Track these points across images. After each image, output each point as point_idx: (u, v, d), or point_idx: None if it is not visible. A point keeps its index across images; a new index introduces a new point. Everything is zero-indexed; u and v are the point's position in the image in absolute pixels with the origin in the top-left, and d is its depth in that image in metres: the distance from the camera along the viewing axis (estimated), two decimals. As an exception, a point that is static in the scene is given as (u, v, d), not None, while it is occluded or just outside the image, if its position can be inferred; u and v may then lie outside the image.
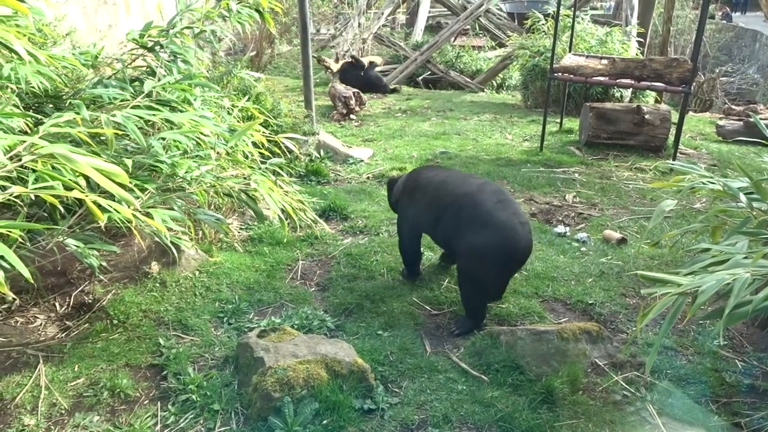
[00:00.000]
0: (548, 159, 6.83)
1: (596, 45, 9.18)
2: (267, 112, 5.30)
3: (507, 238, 3.36)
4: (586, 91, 8.75)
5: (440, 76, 12.54)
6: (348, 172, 6.38)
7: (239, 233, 4.70)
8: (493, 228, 3.37)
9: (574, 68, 6.86)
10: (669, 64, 6.58)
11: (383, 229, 4.91)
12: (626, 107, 7.32)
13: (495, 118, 9.04)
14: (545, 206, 5.49)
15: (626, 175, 6.33)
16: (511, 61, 11.66)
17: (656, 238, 4.82)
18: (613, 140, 7.19)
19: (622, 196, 5.74)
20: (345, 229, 4.96)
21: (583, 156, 7.00)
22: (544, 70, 8.98)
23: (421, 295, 3.96)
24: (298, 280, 4.17)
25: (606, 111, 7.23)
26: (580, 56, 7.40)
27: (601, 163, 6.78)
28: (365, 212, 5.26)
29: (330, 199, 5.36)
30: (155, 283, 3.89)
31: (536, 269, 4.28)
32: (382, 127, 8.44)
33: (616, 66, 6.78)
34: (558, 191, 5.87)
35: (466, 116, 9.16)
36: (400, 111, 9.64)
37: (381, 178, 6.15)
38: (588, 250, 4.61)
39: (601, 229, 4.98)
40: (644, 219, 5.19)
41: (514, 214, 3.45)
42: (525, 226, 3.45)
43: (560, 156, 6.96)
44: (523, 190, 5.91)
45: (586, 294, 3.98)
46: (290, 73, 12.63)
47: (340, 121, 8.75)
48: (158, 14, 3.84)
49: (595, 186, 5.99)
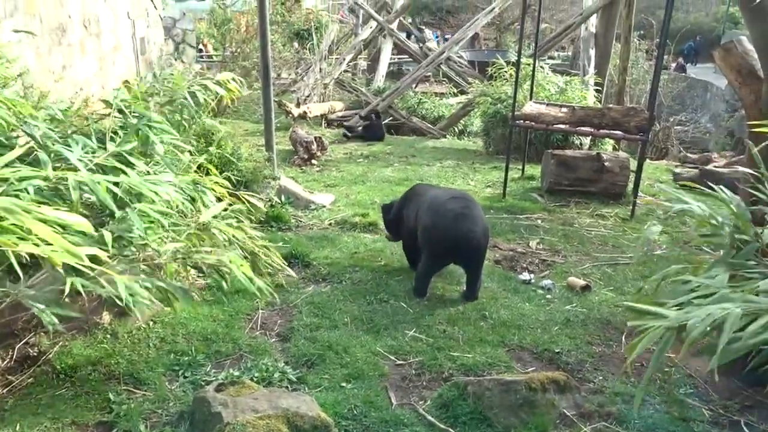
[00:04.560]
0: (511, 205, 6.95)
1: (556, 93, 9.51)
2: (228, 156, 5.29)
3: (445, 222, 4.43)
4: (546, 138, 9.01)
5: (402, 121, 12.73)
6: (310, 218, 6.37)
7: (196, 281, 4.61)
8: (441, 214, 4.46)
9: (535, 116, 7.07)
10: (627, 113, 6.85)
11: (347, 277, 4.89)
12: (586, 155, 7.55)
13: (458, 164, 9.21)
14: (509, 253, 5.55)
15: (588, 222, 6.49)
16: (472, 108, 11.94)
17: (618, 284, 4.93)
18: (575, 187, 7.38)
19: (584, 243, 5.86)
20: (307, 277, 4.93)
21: (545, 203, 7.15)
22: (505, 117, 9.22)
23: (386, 344, 3.92)
24: (258, 330, 4.10)
25: (567, 158, 7.44)
26: (540, 104, 7.64)
27: (563, 209, 6.93)
28: (328, 259, 5.24)
29: (291, 246, 5.32)
30: (106, 335, 3.77)
31: (502, 317, 4.30)
32: (344, 173, 8.50)
33: (576, 114, 7.02)
34: (521, 238, 5.96)
35: (428, 162, 9.30)
36: (362, 156, 9.74)
37: (344, 224, 6.15)
38: (553, 298, 4.67)
39: (565, 276, 5.05)
40: (607, 266, 5.30)
41: (462, 207, 4.51)
42: (470, 217, 4.45)
43: (523, 202, 7.09)
44: (487, 236, 5.99)
45: (553, 342, 4.01)
46: (250, 117, 12.66)
47: (302, 166, 8.77)
48: (116, 56, 3.90)
49: (558, 233, 6.11)
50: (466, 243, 4.43)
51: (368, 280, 4.84)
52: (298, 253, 5.21)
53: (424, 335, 4.07)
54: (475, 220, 4.50)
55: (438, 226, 4.48)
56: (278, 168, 7.13)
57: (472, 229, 4.45)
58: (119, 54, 8.90)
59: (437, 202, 4.63)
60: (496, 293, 4.70)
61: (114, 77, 8.38)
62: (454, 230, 4.42)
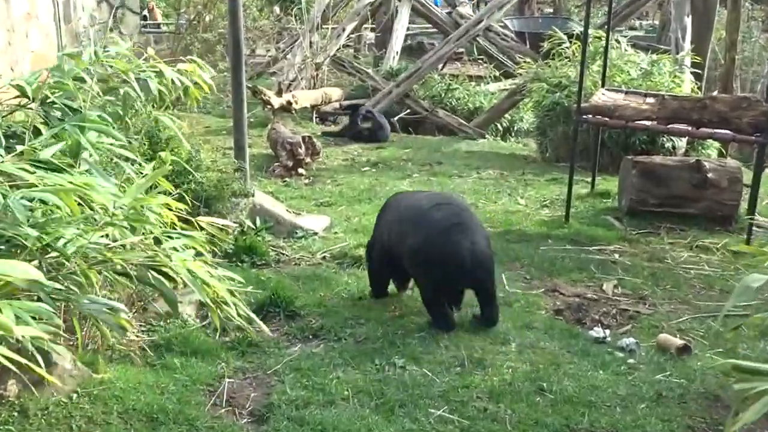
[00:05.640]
0: (577, 233, 6.93)
1: (638, 77, 9.52)
2: (183, 164, 5.31)
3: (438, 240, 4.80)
4: (625, 140, 9.02)
5: (424, 116, 12.79)
6: (296, 249, 6.35)
7: (138, 337, 4.62)
8: (425, 229, 4.86)
9: (609, 108, 7.07)
10: (737, 104, 6.83)
11: (347, 332, 4.88)
12: (682, 162, 7.54)
13: (501, 175, 9.20)
14: (575, 300, 5.53)
15: (685, 257, 6.46)
16: (521, 98, 11.97)
17: (730, 344, 4.88)
18: (665, 207, 7.36)
19: (680, 286, 5.83)
20: (292, 332, 4.92)
21: (624, 229, 7.13)
22: (567, 110, 9.25)
23: (402, 429, 3.90)
24: (223, 408, 4.08)
25: (655, 167, 7.43)
26: (617, 92, 7.64)
27: (649, 239, 6.90)
28: (321, 307, 5.22)
29: (271, 289, 5.31)
30: (12, 412, 3.76)
31: (566, 391, 4.28)
32: (344, 186, 8.50)
33: (667, 106, 7.01)
34: (592, 278, 5.93)
35: (461, 172, 9.30)
36: (368, 164, 9.76)
37: (342, 258, 6.15)
38: (637, 363, 4.63)
39: (654, 333, 5.02)
40: (713, 318, 5.26)
41: (453, 215, 4.92)
42: (467, 227, 4.86)
43: (593, 229, 7.07)
44: (542, 276, 5.97)
45: (638, 426, 3.97)
46: (214, 109, 12.76)
47: (285, 177, 8.81)
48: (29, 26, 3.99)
49: (643, 271, 6.08)
50: (472, 262, 4.77)
51: (377, 337, 4.82)
52: (279, 298, 5.20)
53: (457, 416, 4.03)
54: (474, 230, 4.92)
55: (428, 246, 4.83)
56: (252, 180, 7.15)
57: (476, 241, 4.83)
58: (34, 23, 9.01)
59: (419, 214, 5.04)
60: (557, 356, 4.67)
61: (27, 54, 8.47)
62: (451, 248, 4.77)
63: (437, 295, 5.02)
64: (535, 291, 5.68)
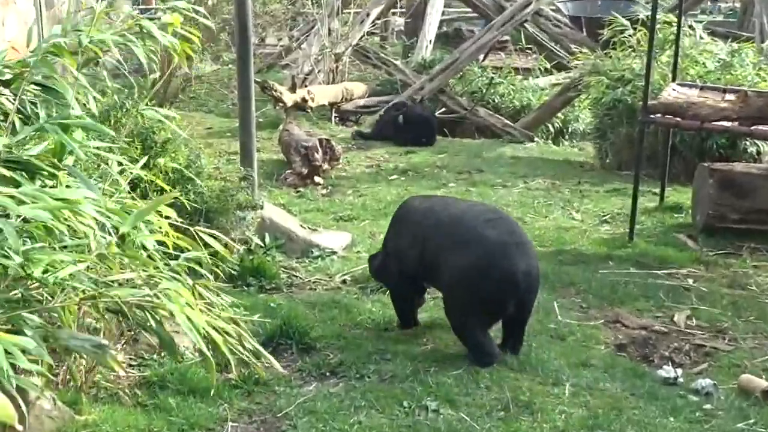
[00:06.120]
0: (643, 254, 6.88)
1: (716, 70, 9.45)
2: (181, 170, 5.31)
3: (496, 260, 4.82)
4: (701, 144, 8.95)
5: (462, 115, 12.76)
6: (311, 271, 6.35)
7: (128, 373, 4.62)
8: (479, 248, 4.87)
9: (681, 107, 7.00)
10: (835, 102, 6.75)
11: (370, 369, 4.86)
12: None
13: (553, 185, 9.17)
14: (640, 333, 5.49)
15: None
16: (577, 94, 11.92)
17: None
18: (748, 224, 7.29)
19: (766, 318, 5.76)
20: (306, 369, 4.91)
21: (700, 249, 7.07)
22: (632, 108, 9.20)
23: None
24: (225, 456, 4.09)
25: (736, 176, 7.38)
26: (690, 87, 7.59)
27: (729, 261, 6.84)
28: (340, 340, 5.22)
29: (282, 318, 5.31)
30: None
31: (630, 440, 4.24)
32: (367, 198, 8.50)
33: (750, 104, 6.93)
34: (661, 308, 5.89)
35: (505, 181, 9.28)
36: (396, 171, 9.75)
37: (366, 282, 6.13)
38: (715, 409, 4.58)
39: (735, 374, 4.96)
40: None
41: (508, 234, 4.95)
42: (523, 247, 4.91)
43: (662, 249, 7.01)
44: (602, 304, 5.93)
45: (716, 485, 3.92)
46: (217, 107, 12.83)
47: (299, 187, 8.81)
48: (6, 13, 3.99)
49: (721, 300, 6.02)
50: (526, 286, 4.86)
51: (406, 376, 4.80)
52: (291, 329, 5.19)
53: (500, 469, 4.00)
54: (527, 249, 5.00)
55: (481, 266, 4.83)
56: (260, 190, 7.16)
57: (531, 263, 4.92)
58: (11, 9, 9.10)
59: (466, 227, 5.06)
60: (619, 400, 4.63)
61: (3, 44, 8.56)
62: (508, 269, 4.80)
63: (479, 323, 5.01)
64: (593, 322, 5.64)
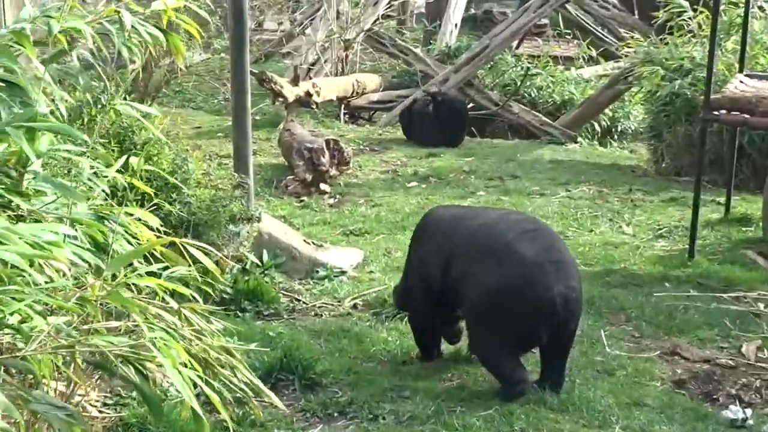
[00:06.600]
0: (705, 274, 6.88)
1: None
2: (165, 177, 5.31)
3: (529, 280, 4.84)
4: (772, 146, 8.93)
5: (492, 111, 12.77)
6: (316, 294, 6.36)
7: (102, 413, 4.62)
8: (511, 265, 4.90)
9: (750, 102, 6.98)
10: None
11: (386, 409, 4.85)
12: None
13: (600, 193, 9.18)
14: (702, 367, 5.48)
15: None
16: (627, 87, 11.90)
17: None
18: (830, 240, 7.26)
19: None
20: (311, 408, 4.90)
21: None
22: (692, 104, 9.21)
23: None
24: None
25: (813, 183, 7.33)
26: (760, 79, 7.57)
27: (807, 283, 6.79)
28: (350, 374, 5.22)
29: (282, 348, 5.32)
30: None
31: (691, 494, 4.21)
32: (382, 208, 8.51)
33: (831, 99, 6.92)
34: (727, 337, 5.87)
35: (543, 189, 9.28)
36: (415, 177, 9.76)
37: (381, 307, 6.14)
38: (792, 457, 4.55)
39: (815, 415, 4.92)
40: None
41: (546, 249, 4.94)
42: (563, 266, 4.90)
43: (728, 268, 7.00)
44: (657, 333, 5.92)
45: None
46: (206, 103, 12.87)
47: (302, 196, 8.82)
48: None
49: (798, 328, 5.98)
50: (565, 312, 4.85)
51: (427, 417, 4.78)
52: (293, 361, 5.19)
53: None
54: (568, 268, 5.01)
55: (514, 287, 4.87)
56: (257, 200, 7.17)
57: (571, 285, 4.92)
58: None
59: (497, 239, 5.10)
60: (679, 444, 4.62)
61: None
62: (543, 293, 4.80)
63: (513, 353, 4.99)
64: (646, 354, 5.62)
